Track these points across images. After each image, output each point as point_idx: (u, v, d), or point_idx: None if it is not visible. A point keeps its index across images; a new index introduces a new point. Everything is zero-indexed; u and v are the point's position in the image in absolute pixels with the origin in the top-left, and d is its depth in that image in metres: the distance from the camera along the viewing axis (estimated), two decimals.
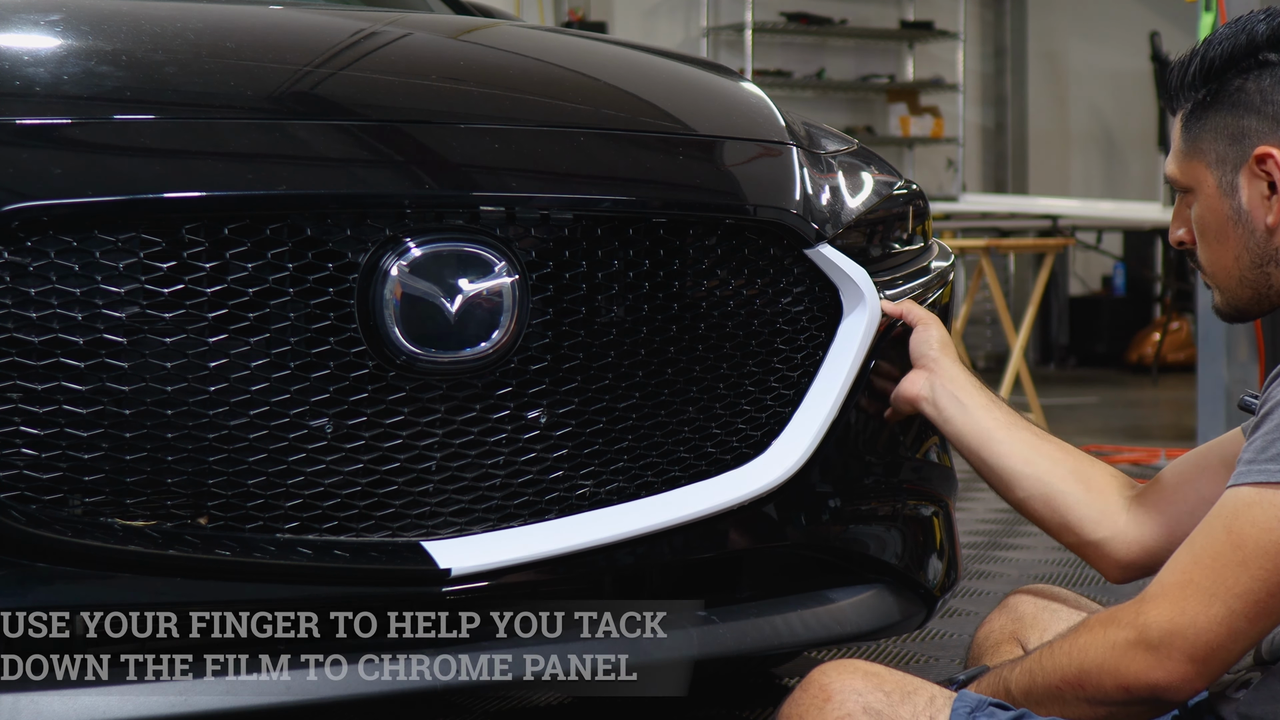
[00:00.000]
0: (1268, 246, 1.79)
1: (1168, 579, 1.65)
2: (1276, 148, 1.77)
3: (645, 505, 2.14)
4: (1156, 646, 1.63)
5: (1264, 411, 1.67)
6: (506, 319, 2.00)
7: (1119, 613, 1.68)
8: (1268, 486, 1.61)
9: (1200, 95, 1.83)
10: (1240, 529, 1.62)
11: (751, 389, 2.24)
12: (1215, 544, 1.63)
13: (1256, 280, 1.81)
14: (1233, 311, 1.86)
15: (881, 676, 1.69)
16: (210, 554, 1.89)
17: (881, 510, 2.40)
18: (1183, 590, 1.63)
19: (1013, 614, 2.06)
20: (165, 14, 2.37)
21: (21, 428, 1.81)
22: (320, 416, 1.95)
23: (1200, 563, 1.64)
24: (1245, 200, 1.79)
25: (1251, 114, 1.78)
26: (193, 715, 1.85)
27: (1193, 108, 1.83)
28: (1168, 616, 1.63)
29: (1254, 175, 1.78)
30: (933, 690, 1.69)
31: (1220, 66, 1.81)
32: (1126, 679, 1.65)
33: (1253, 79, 1.79)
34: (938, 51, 11.19)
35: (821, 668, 1.71)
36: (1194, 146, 1.83)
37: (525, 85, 2.41)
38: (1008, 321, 7.03)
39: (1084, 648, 1.69)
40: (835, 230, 2.29)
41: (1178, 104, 1.87)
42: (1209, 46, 1.83)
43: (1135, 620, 1.65)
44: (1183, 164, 1.85)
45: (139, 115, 1.98)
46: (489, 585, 2.02)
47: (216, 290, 1.89)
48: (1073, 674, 1.69)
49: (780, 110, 2.51)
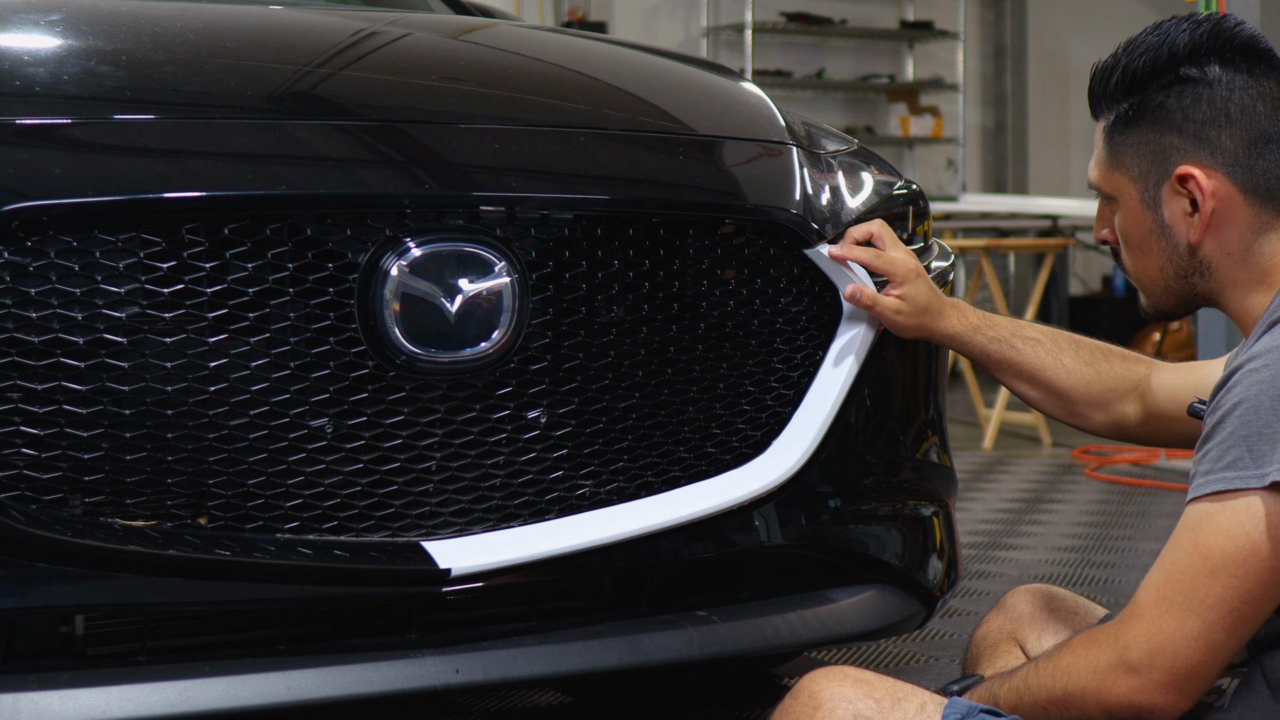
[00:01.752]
0: (1191, 260, 1.80)
1: (1143, 598, 1.66)
2: (1197, 167, 1.76)
3: (645, 505, 2.14)
4: (1138, 669, 1.63)
5: (1214, 421, 1.66)
6: (506, 319, 2.00)
7: (1100, 634, 1.69)
8: (1227, 495, 1.62)
9: (1123, 108, 1.81)
10: (1206, 539, 1.62)
11: (751, 389, 2.24)
12: (1183, 558, 1.63)
13: (1181, 289, 1.83)
14: (1158, 314, 1.88)
15: (871, 683, 1.69)
16: (210, 554, 1.89)
17: (881, 510, 2.40)
18: (1158, 608, 1.64)
19: (1010, 614, 2.06)
20: (165, 14, 2.37)
21: (22, 428, 1.81)
22: (320, 416, 1.95)
23: (1172, 579, 1.64)
24: (1168, 216, 1.80)
25: (1173, 131, 1.77)
26: (193, 715, 1.85)
27: (1115, 120, 1.82)
28: (1146, 635, 1.63)
29: (1176, 193, 1.78)
30: (923, 696, 1.69)
31: (1141, 80, 1.79)
32: (1109, 701, 1.65)
33: (1174, 95, 1.77)
34: (938, 51, 11.19)
35: (812, 675, 1.71)
36: (1116, 159, 1.83)
37: (525, 85, 2.41)
38: None
39: (1067, 670, 1.69)
40: (835, 230, 2.29)
41: (1099, 112, 1.85)
42: (1130, 55, 1.81)
43: (1115, 642, 1.66)
44: (1105, 173, 1.85)
45: (139, 115, 1.98)
46: (489, 585, 2.02)
47: (216, 290, 1.89)
48: (1057, 695, 1.69)
49: (780, 110, 2.51)
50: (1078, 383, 2.20)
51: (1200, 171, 1.76)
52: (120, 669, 1.89)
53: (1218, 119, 1.76)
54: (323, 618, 2.09)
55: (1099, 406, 2.20)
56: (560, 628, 2.12)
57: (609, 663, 2.11)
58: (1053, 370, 2.20)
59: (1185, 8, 6.22)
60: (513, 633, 2.08)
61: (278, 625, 2.00)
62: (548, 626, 2.12)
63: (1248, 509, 1.60)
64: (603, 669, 2.11)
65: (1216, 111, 1.76)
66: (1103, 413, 2.19)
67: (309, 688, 1.92)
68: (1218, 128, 1.76)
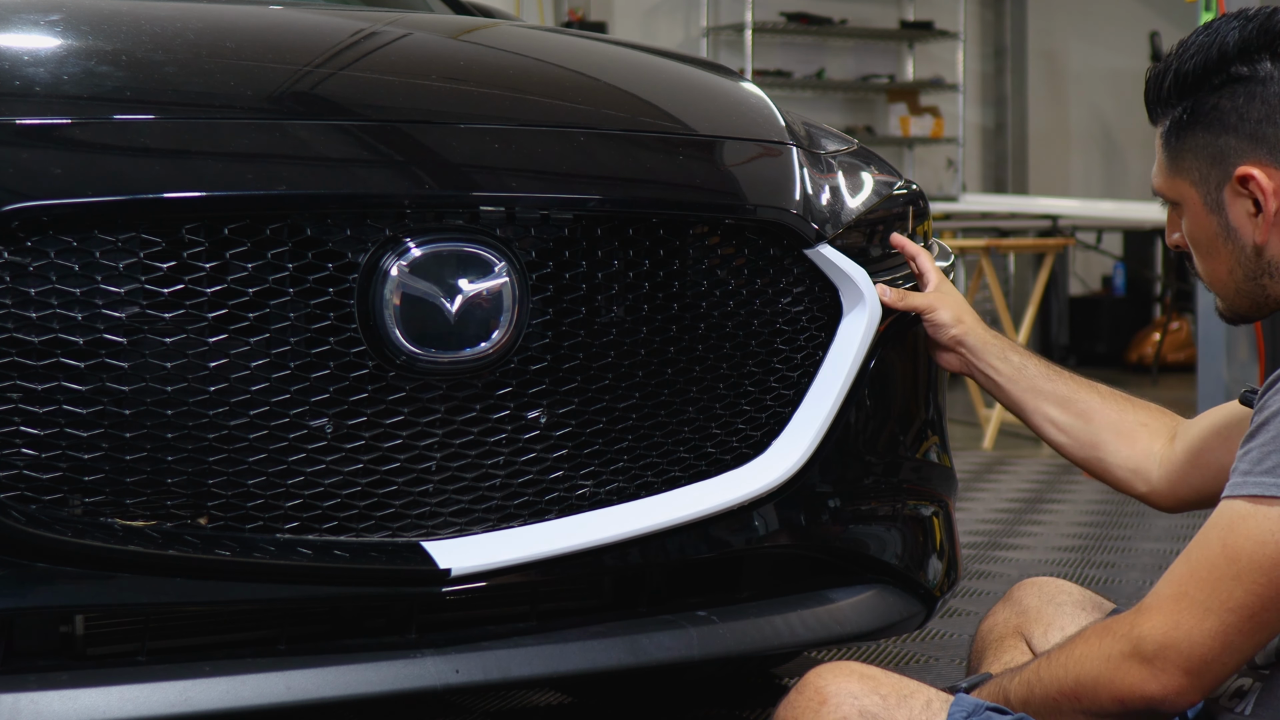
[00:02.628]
0: (1259, 262, 1.77)
1: (1164, 591, 1.65)
2: (1257, 167, 1.73)
3: (645, 505, 2.14)
4: (1151, 659, 1.63)
5: (1260, 420, 1.65)
6: (506, 319, 2.00)
7: (1115, 624, 1.69)
8: (1263, 500, 1.61)
9: (1177, 113, 1.79)
10: (1235, 542, 1.61)
11: (751, 389, 2.24)
12: (1210, 557, 1.63)
13: (1253, 291, 1.80)
14: (1234, 316, 1.86)
15: (878, 679, 1.69)
16: (210, 554, 1.89)
17: (881, 510, 2.40)
18: (1177, 603, 1.63)
19: (1017, 607, 2.06)
20: (165, 14, 2.37)
21: (22, 428, 1.81)
22: (320, 416, 1.95)
23: (1195, 575, 1.63)
24: (1232, 218, 1.77)
25: (1229, 133, 1.75)
26: (193, 715, 1.85)
27: (1171, 125, 1.80)
28: (1162, 629, 1.63)
29: (1238, 194, 1.75)
30: (929, 693, 1.69)
31: (1193, 82, 1.77)
32: (1121, 691, 1.65)
33: (1227, 96, 1.75)
34: (938, 51, 11.18)
35: (817, 670, 1.71)
36: (1176, 164, 1.81)
37: (525, 85, 2.41)
38: (1008, 321, 7.03)
39: (1080, 659, 1.69)
40: (835, 230, 2.29)
41: (1155, 118, 1.84)
42: (1181, 59, 1.79)
43: (1130, 632, 1.65)
44: (1167, 179, 1.83)
45: (139, 115, 1.98)
46: (489, 585, 2.02)
47: (216, 290, 1.89)
48: (1069, 686, 1.69)
49: (780, 110, 2.51)
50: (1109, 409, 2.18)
51: (1260, 171, 1.73)
52: (120, 669, 1.89)
53: (1273, 116, 1.73)
54: (323, 618, 2.09)
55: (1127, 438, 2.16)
56: (560, 628, 2.12)
57: (609, 663, 2.11)
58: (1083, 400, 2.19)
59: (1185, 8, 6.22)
60: (513, 633, 2.08)
61: (278, 625, 2.00)
62: (548, 626, 2.12)
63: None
64: (603, 669, 2.12)
65: (1271, 109, 1.73)
66: (1129, 447, 2.15)
67: (309, 688, 1.92)
68: (1274, 125, 1.73)
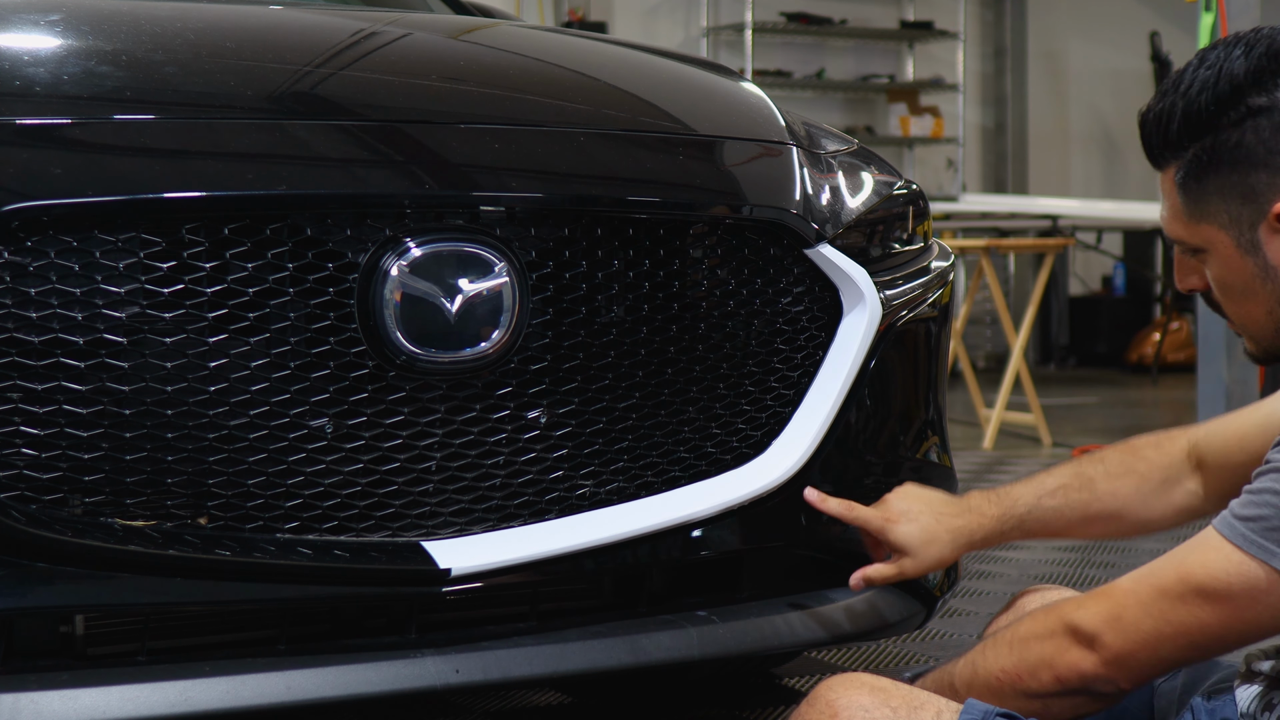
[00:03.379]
0: None
1: (1122, 583, 1.69)
2: None
3: (645, 505, 2.14)
4: (1090, 639, 1.67)
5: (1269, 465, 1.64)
6: (506, 319, 2.00)
7: (1061, 604, 1.72)
8: (1234, 547, 1.62)
9: (1192, 154, 1.68)
10: (1191, 566, 1.64)
11: (751, 389, 2.24)
12: (1168, 570, 1.66)
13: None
14: (1267, 356, 1.78)
15: (888, 691, 1.69)
16: (210, 554, 1.89)
17: None
18: (1125, 597, 1.67)
19: (1018, 615, 2.05)
20: (165, 14, 2.37)
21: (22, 428, 1.81)
22: (320, 416, 1.95)
23: (1149, 579, 1.67)
24: (1271, 256, 1.68)
25: (1258, 168, 1.65)
26: (193, 715, 1.85)
27: (1189, 169, 1.69)
28: (1104, 614, 1.67)
29: (1275, 231, 1.66)
30: (939, 704, 1.69)
31: (1207, 120, 1.67)
32: (1060, 669, 1.68)
33: (1249, 130, 1.65)
34: (938, 51, 11.19)
35: (828, 683, 1.71)
36: (1199, 210, 1.70)
37: (525, 85, 2.41)
38: (1008, 321, 7.03)
39: (1024, 638, 1.72)
40: (835, 230, 2.29)
41: (1163, 162, 1.72)
42: (1187, 96, 1.68)
43: (1076, 612, 1.69)
44: (1188, 226, 1.72)
45: (139, 115, 1.98)
46: (489, 585, 2.02)
47: (217, 290, 1.89)
48: (1011, 666, 1.72)
49: (780, 110, 2.51)
50: (1130, 495, 2.05)
51: None
52: (120, 669, 1.89)
53: None
54: (323, 618, 2.09)
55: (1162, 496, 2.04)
56: (560, 628, 2.12)
57: (609, 663, 2.10)
58: (1098, 504, 2.05)
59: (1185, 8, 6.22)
60: (513, 633, 2.08)
61: (278, 625, 2.00)
62: (548, 626, 2.11)
63: (1241, 567, 1.61)
64: (603, 669, 2.11)
65: None
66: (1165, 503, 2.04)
67: (309, 688, 1.92)
68: None
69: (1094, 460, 2.08)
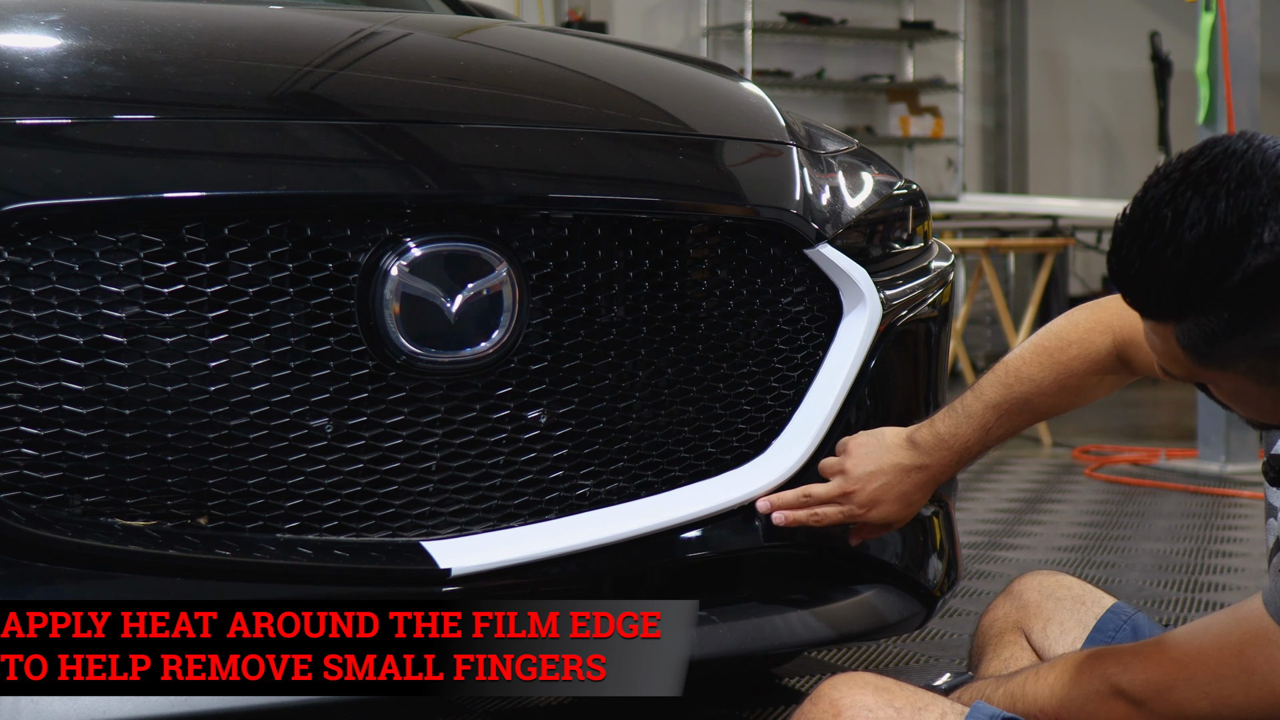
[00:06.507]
0: None
1: (1172, 652, 1.65)
2: None
3: (645, 505, 2.14)
4: (1140, 703, 1.65)
5: None
6: (506, 319, 2.00)
7: (1109, 655, 1.69)
8: None
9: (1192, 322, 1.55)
10: (1253, 657, 1.61)
11: (751, 389, 2.24)
12: (1227, 656, 1.62)
13: None
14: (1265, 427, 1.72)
15: (892, 692, 1.69)
16: (210, 554, 1.89)
17: None
18: (1180, 671, 1.64)
19: (1017, 602, 2.06)
20: (165, 14, 2.37)
21: (22, 428, 1.81)
22: (320, 416, 1.95)
23: (1205, 660, 1.63)
24: None
25: (1276, 328, 1.52)
26: (193, 715, 1.85)
27: (1192, 335, 1.55)
28: (1156, 684, 1.64)
29: None
30: (944, 706, 1.69)
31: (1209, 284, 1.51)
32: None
33: (1260, 283, 1.49)
34: (938, 51, 11.19)
35: (831, 681, 1.71)
36: (1210, 364, 1.58)
37: (525, 85, 2.41)
38: (1008, 321, 7.03)
39: (1068, 685, 1.70)
40: (835, 230, 2.29)
41: (1159, 317, 1.59)
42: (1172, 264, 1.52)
43: (1124, 674, 1.66)
44: (1197, 371, 1.60)
45: (139, 115, 1.98)
46: (489, 585, 2.02)
47: (217, 290, 1.89)
48: (1052, 708, 1.70)
49: (780, 110, 2.51)
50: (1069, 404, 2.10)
51: None
52: (120, 670, 1.88)
53: None
54: (323, 618, 2.09)
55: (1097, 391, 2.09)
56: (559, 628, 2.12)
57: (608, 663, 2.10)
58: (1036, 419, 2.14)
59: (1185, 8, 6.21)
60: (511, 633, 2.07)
61: (277, 625, 2.00)
62: None
63: None
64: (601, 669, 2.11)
65: None
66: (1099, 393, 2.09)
67: (309, 688, 1.91)
68: None
69: (1025, 381, 2.09)
